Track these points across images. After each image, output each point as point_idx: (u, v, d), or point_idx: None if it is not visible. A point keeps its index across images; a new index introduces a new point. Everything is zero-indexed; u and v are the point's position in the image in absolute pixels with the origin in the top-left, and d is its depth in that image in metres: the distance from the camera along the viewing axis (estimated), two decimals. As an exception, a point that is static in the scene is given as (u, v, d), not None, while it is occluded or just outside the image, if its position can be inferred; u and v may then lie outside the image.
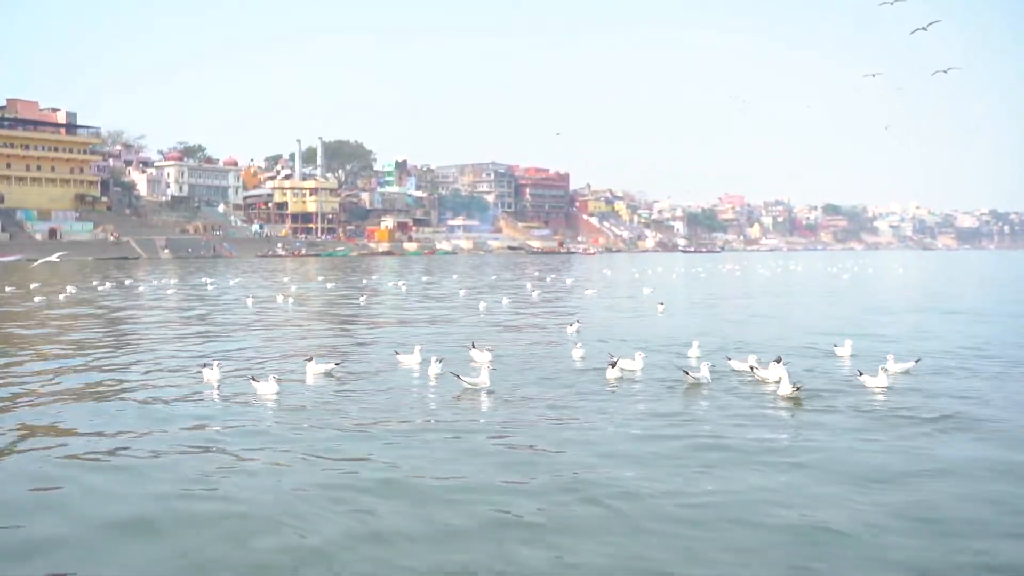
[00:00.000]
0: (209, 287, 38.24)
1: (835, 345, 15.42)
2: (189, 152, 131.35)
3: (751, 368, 12.64)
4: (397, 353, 14.63)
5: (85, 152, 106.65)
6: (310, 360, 13.50)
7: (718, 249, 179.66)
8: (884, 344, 16.50)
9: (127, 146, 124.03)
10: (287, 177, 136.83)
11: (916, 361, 13.58)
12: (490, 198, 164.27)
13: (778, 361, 12.40)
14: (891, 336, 18.78)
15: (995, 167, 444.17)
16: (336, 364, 13.74)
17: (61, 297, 30.80)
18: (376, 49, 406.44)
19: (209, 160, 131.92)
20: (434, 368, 12.94)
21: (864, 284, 45.24)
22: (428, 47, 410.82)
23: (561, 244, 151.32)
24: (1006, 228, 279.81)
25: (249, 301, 28.55)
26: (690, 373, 12.20)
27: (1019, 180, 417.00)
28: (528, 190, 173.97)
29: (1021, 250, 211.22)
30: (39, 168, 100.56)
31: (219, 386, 12.20)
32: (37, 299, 30.32)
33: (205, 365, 13.06)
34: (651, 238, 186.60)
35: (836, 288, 40.81)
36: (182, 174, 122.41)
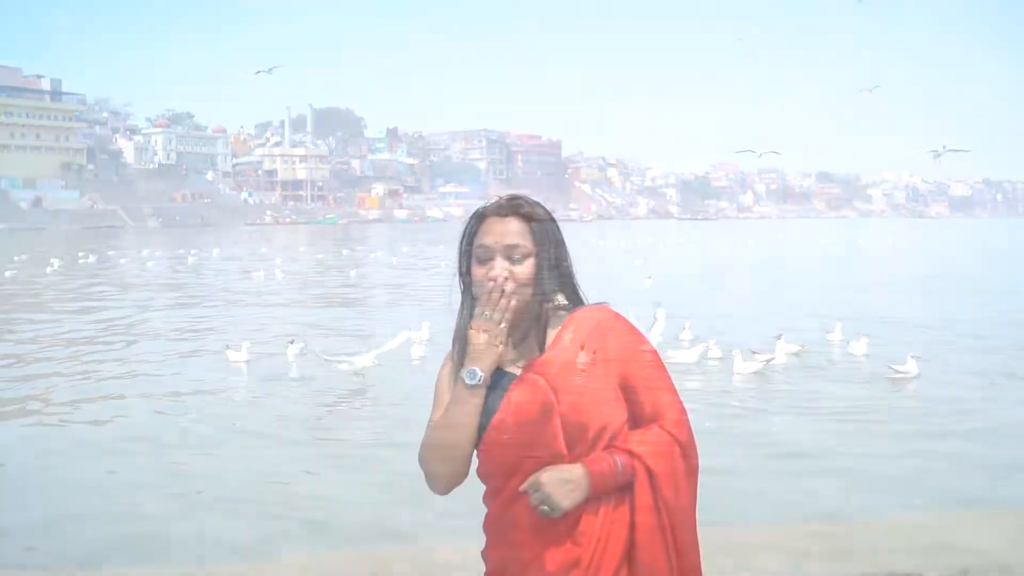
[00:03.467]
0: (190, 259, 37.55)
1: (833, 327, 15.02)
2: (177, 119, 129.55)
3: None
4: (409, 334, 14.58)
5: (70, 119, 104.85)
6: (292, 343, 13.21)
7: (713, 216, 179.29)
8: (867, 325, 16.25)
9: (114, 113, 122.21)
10: (277, 144, 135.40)
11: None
12: (482, 165, 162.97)
13: (778, 339, 12.26)
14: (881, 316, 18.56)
15: (988, 136, 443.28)
16: (291, 343, 13.46)
17: (48, 270, 30.09)
18: (367, 14, 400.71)
19: (198, 128, 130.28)
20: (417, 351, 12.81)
21: (855, 257, 45.12)
22: (420, 12, 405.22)
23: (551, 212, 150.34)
24: (999, 196, 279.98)
25: (259, 275, 27.79)
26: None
27: (1012, 149, 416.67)
28: (520, 157, 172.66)
29: (1013, 218, 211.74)
30: (23, 136, 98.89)
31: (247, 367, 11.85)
32: (8, 273, 28.81)
33: (228, 347, 12.65)
34: (643, 205, 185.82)
35: (828, 263, 40.72)
36: (170, 142, 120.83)
